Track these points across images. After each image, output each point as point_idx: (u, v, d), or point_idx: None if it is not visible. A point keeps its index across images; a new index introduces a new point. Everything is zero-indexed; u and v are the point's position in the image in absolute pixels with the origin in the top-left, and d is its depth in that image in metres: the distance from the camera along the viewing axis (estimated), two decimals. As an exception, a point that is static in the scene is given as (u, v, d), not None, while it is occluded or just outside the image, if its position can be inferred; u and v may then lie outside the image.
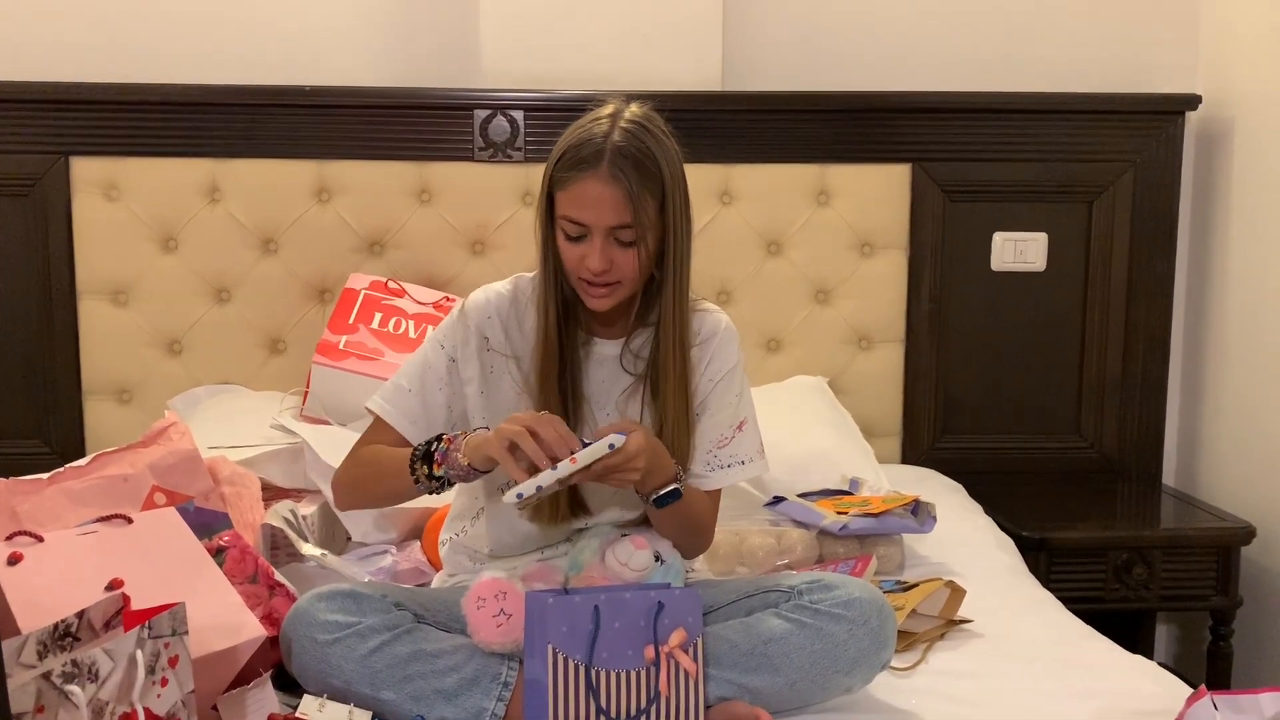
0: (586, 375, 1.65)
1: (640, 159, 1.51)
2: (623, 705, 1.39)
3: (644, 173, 1.51)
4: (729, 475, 1.68)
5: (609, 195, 1.50)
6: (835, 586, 1.53)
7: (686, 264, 1.59)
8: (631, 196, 1.50)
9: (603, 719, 1.37)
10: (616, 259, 1.53)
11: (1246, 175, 2.59)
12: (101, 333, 2.53)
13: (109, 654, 1.15)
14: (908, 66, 2.67)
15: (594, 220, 1.51)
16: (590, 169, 1.50)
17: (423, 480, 1.52)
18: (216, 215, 2.53)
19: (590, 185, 1.50)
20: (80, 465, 1.78)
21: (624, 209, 1.50)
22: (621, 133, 1.51)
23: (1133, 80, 2.70)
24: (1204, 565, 2.40)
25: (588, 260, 1.53)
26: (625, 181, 1.49)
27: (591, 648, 1.38)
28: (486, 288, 1.68)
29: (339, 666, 1.44)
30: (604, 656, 1.38)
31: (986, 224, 2.65)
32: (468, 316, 1.65)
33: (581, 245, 1.54)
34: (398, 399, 1.64)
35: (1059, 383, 2.71)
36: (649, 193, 1.51)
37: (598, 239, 1.52)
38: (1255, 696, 1.13)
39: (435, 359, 1.65)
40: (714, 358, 1.67)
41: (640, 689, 1.40)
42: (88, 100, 2.47)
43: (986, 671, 1.65)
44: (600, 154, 1.50)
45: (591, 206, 1.51)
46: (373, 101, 2.53)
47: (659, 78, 2.54)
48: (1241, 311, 2.61)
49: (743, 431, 1.69)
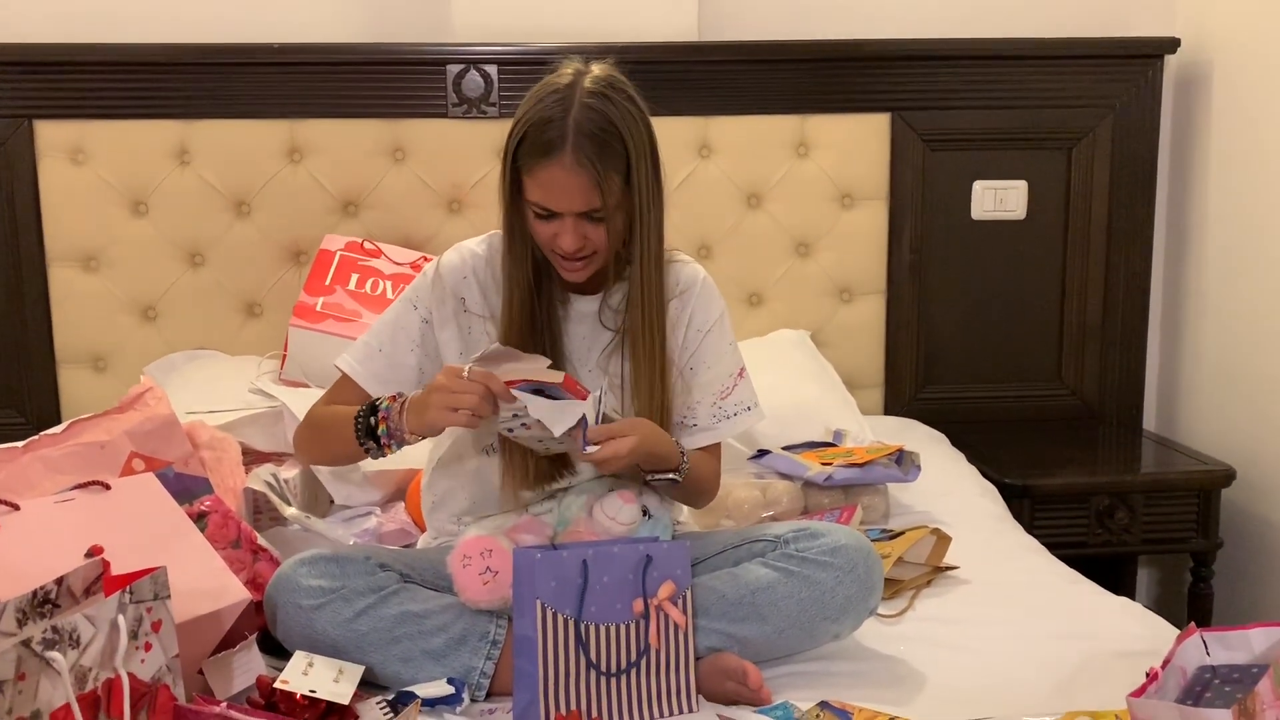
0: (566, 333, 1.63)
1: (603, 138, 1.47)
2: (613, 658, 1.39)
3: (608, 151, 1.47)
4: (736, 424, 1.68)
5: (575, 183, 1.47)
6: (821, 534, 1.53)
7: (658, 223, 1.56)
8: (598, 182, 1.47)
9: (593, 672, 1.37)
10: (589, 235, 1.52)
11: (1226, 119, 2.58)
12: (73, 300, 2.49)
13: (90, 620, 1.13)
14: (886, 14, 2.64)
15: (562, 207, 1.49)
16: (555, 156, 1.46)
17: (363, 436, 1.49)
18: (187, 178, 2.49)
19: (555, 174, 1.46)
20: (56, 432, 1.76)
21: (591, 194, 1.47)
22: (581, 108, 1.46)
23: (1111, 24, 2.68)
24: (1184, 508, 2.42)
25: (560, 241, 1.51)
26: (590, 167, 1.45)
27: (580, 602, 1.37)
28: (459, 246, 1.65)
29: (324, 632, 1.43)
30: (593, 610, 1.38)
31: (966, 173, 2.64)
32: (443, 279, 1.62)
33: (553, 224, 1.51)
34: (367, 359, 1.62)
35: (1040, 330, 2.71)
36: (614, 170, 1.48)
37: (569, 221, 1.50)
38: (1245, 633, 1.13)
39: (408, 320, 1.62)
40: (697, 310, 1.65)
41: (630, 642, 1.40)
42: (50, 62, 2.42)
43: (974, 617, 1.66)
44: (563, 138, 1.45)
45: (559, 194, 1.48)
46: (343, 58, 2.48)
47: (634, 29, 2.50)
48: (1220, 255, 2.62)
49: (743, 378, 1.69)
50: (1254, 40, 2.49)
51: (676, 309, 1.64)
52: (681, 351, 1.64)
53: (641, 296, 1.57)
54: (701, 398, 1.65)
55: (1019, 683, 1.46)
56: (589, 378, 1.62)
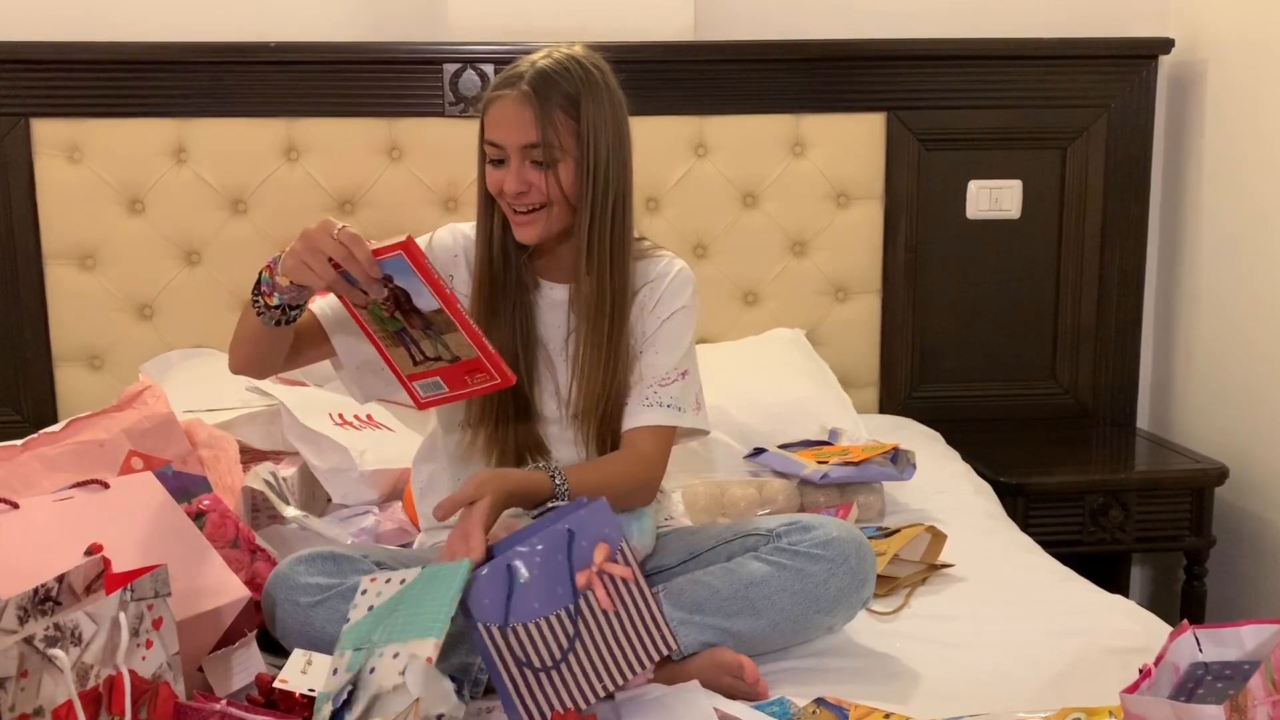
0: (539, 319, 1.64)
1: (557, 80, 1.52)
2: (543, 653, 1.32)
3: (557, 91, 1.51)
4: (662, 415, 1.61)
5: (519, 113, 1.51)
6: (813, 527, 1.54)
7: (616, 199, 1.55)
8: (540, 115, 1.50)
9: (527, 672, 1.31)
10: (533, 180, 1.53)
11: (1219, 119, 2.60)
12: (70, 298, 2.49)
13: (91, 617, 1.14)
14: (881, 14, 2.65)
15: (505, 139, 1.52)
16: (508, 89, 1.52)
17: (264, 311, 1.44)
18: (183, 176, 2.49)
19: (504, 105, 1.52)
20: (54, 431, 1.76)
21: (532, 127, 1.50)
22: (547, 59, 1.54)
23: (1106, 25, 2.69)
24: (1178, 507, 2.43)
25: (504, 182, 1.53)
26: (536, 100, 1.50)
27: (506, 608, 1.31)
28: (453, 227, 1.69)
29: (322, 629, 1.44)
30: (535, 607, 1.32)
31: (961, 172, 2.65)
32: (434, 252, 1.64)
33: (500, 171, 1.54)
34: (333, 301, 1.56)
35: (1034, 329, 2.72)
36: (563, 111, 1.51)
37: (514, 160, 1.52)
38: (1237, 630, 1.14)
39: None
40: (664, 298, 1.65)
41: (557, 631, 1.33)
42: (47, 60, 2.42)
43: (969, 614, 1.67)
44: (520, 76, 1.52)
45: (502, 125, 1.52)
46: (340, 57, 2.48)
47: (630, 28, 2.51)
48: (1214, 255, 2.63)
49: (685, 380, 1.64)
50: (1248, 41, 2.50)
51: (646, 294, 1.64)
52: (639, 334, 1.63)
53: (595, 279, 1.56)
54: (639, 378, 1.62)
55: (1013, 679, 1.47)
56: (556, 362, 1.63)
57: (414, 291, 1.39)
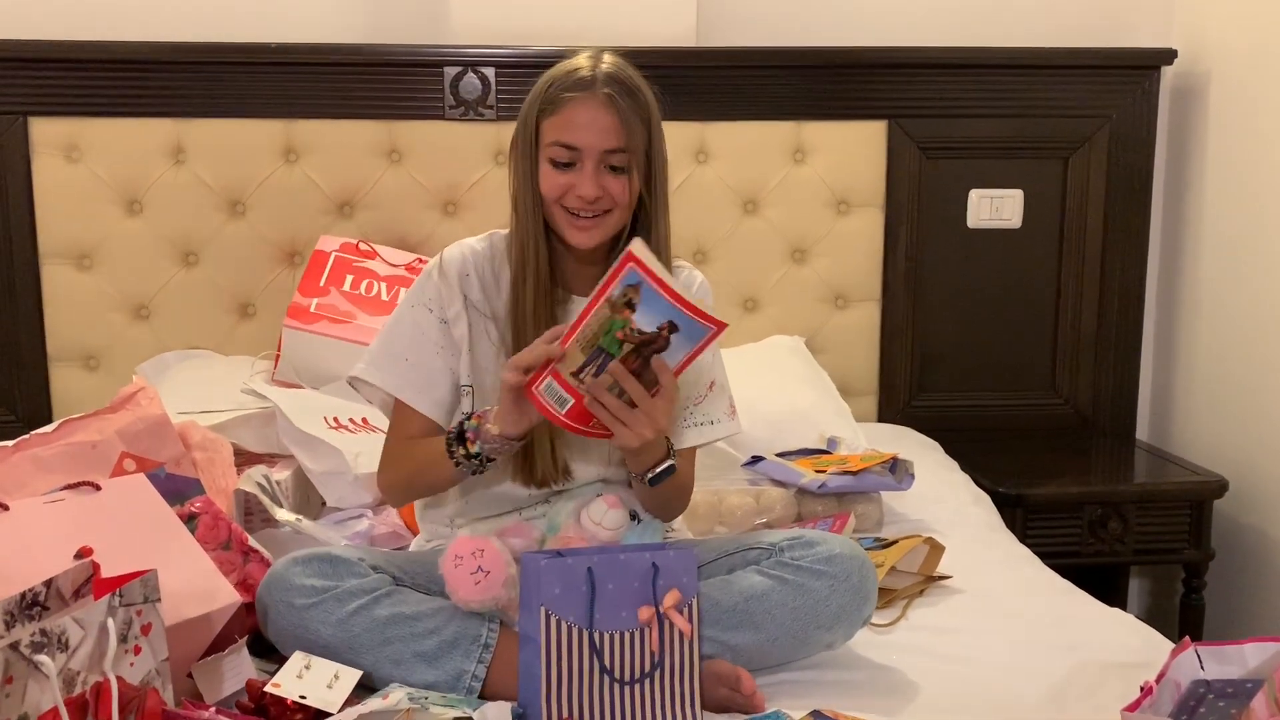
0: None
1: (630, 87, 1.51)
2: (628, 666, 1.38)
3: (635, 99, 1.51)
4: (701, 434, 1.65)
5: (603, 117, 1.48)
6: (816, 543, 1.53)
7: (666, 215, 1.57)
8: (625, 120, 1.49)
9: (606, 679, 1.37)
10: (608, 185, 1.51)
11: (1222, 130, 2.59)
12: (66, 298, 2.48)
13: (79, 623, 1.12)
14: (884, 22, 2.65)
15: (587, 142, 1.49)
16: (584, 91, 1.49)
17: (462, 461, 1.48)
18: (181, 177, 2.48)
19: (584, 107, 1.48)
20: (47, 432, 1.74)
21: (618, 132, 1.49)
22: (609, 64, 1.52)
23: (1109, 35, 2.69)
24: (1177, 519, 2.42)
25: (579, 188, 1.49)
26: (619, 104, 1.48)
27: (590, 610, 1.37)
28: (461, 243, 1.64)
29: (316, 631, 1.42)
30: (598, 618, 1.38)
31: (963, 181, 2.64)
32: (448, 276, 1.59)
33: (570, 174, 1.50)
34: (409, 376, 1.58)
35: (1034, 340, 2.71)
36: (639, 120, 1.51)
37: (589, 164, 1.49)
38: (1239, 647, 1.13)
39: (427, 324, 1.59)
40: None
41: (644, 650, 1.40)
42: (46, 59, 2.41)
43: (967, 626, 1.66)
44: (593, 79, 1.49)
45: (585, 128, 1.48)
46: (340, 59, 2.47)
47: (633, 33, 2.50)
48: (1215, 267, 2.62)
49: (713, 391, 1.66)
50: (1251, 52, 2.49)
51: None
52: None
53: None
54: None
55: (1012, 693, 1.45)
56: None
57: (648, 316, 1.33)
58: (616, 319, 1.33)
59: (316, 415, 2.05)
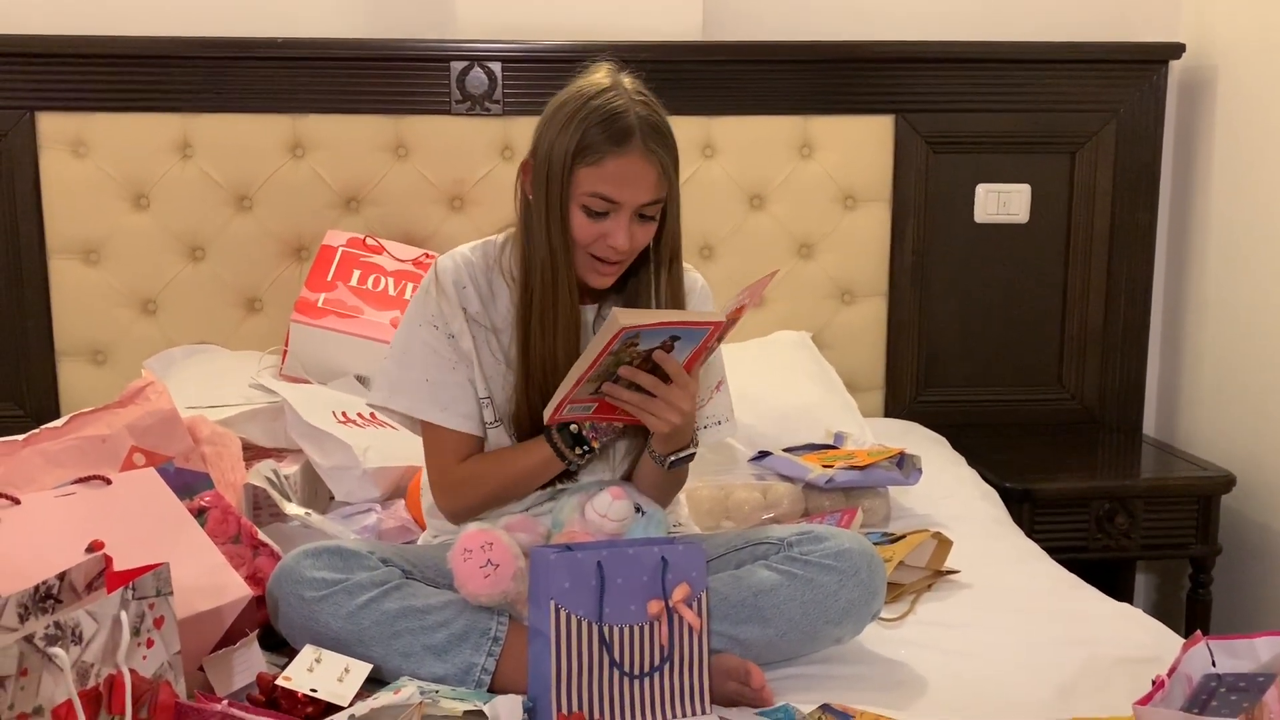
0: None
1: (663, 134, 1.50)
2: (637, 660, 1.39)
3: (668, 147, 1.50)
4: (707, 435, 1.66)
5: (647, 174, 1.47)
6: (825, 538, 1.53)
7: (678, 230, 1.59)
8: (664, 172, 1.48)
9: (616, 672, 1.37)
10: (636, 235, 1.51)
11: (1229, 125, 2.58)
12: (73, 293, 2.48)
13: (92, 616, 1.13)
14: (890, 16, 2.64)
15: (630, 198, 1.47)
16: (627, 145, 1.46)
17: (575, 460, 1.54)
18: (188, 172, 2.48)
19: (628, 163, 1.46)
20: (56, 426, 1.75)
21: (658, 186, 1.48)
22: (641, 105, 1.49)
23: (1116, 29, 2.68)
24: (1184, 514, 2.42)
25: (611, 237, 1.48)
26: (660, 157, 1.47)
27: (600, 604, 1.38)
28: (454, 254, 1.61)
29: (326, 624, 1.43)
30: (607, 612, 1.38)
31: (969, 175, 2.63)
32: (446, 290, 1.57)
33: (604, 222, 1.49)
34: (437, 396, 1.57)
35: (1041, 334, 2.71)
36: (674, 165, 1.51)
37: (624, 216, 1.48)
38: (1251, 641, 1.13)
39: (436, 341, 1.58)
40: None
41: (653, 644, 1.40)
42: (53, 54, 2.41)
43: (975, 622, 1.66)
44: (631, 130, 1.46)
45: (630, 184, 1.47)
46: (346, 54, 2.47)
47: (639, 27, 2.49)
48: (1222, 261, 2.62)
49: (719, 391, 1.68)
50: (1258, 46, 2.49)
51: None
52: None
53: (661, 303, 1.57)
54: None
55: (1020, 687, 1.46)
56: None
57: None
58: (622, 356, 1.42)
59: (325, 410, 2.05)
